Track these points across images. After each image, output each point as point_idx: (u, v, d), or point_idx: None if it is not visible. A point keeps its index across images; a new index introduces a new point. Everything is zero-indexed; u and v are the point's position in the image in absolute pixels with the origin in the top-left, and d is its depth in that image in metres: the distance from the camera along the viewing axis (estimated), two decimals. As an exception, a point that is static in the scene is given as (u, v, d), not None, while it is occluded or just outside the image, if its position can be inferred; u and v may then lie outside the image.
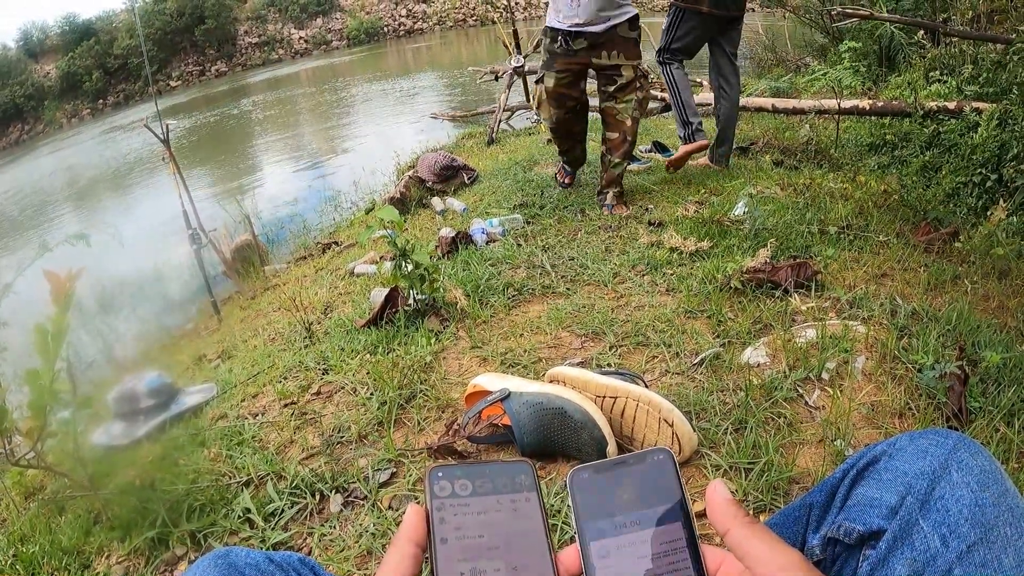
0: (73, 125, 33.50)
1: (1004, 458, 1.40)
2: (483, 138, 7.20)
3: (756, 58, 10.26)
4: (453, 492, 0.52)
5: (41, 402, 1.46)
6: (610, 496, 0.53)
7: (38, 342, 1.44)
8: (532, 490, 0.53)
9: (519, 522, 0.52)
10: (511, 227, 3.32)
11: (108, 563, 1.55)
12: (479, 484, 0.53)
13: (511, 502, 0.52)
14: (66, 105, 36.60)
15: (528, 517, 0.52)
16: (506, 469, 0.54)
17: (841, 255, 2.43)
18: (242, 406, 2.12)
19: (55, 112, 35.67)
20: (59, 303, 1.48)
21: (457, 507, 0.51)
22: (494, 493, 0.52)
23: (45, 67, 38.52)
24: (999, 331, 1.89)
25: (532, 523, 0.52)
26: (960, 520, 0.61)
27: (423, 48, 33.27)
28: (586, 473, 0.54)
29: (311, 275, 3.86)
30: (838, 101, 4.72)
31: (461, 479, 0.52)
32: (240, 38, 42.47)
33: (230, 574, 0.71)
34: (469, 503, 0.52)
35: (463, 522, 0.51)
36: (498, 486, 0.53)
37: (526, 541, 0.51)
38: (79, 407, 1.57)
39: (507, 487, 0.53)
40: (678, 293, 2.29)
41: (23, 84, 35.70)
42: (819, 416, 1.59)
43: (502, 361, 2.02)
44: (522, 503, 0.52)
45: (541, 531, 0.51)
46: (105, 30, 39.27)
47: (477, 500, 0.52)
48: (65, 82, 37.01)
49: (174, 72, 39.95)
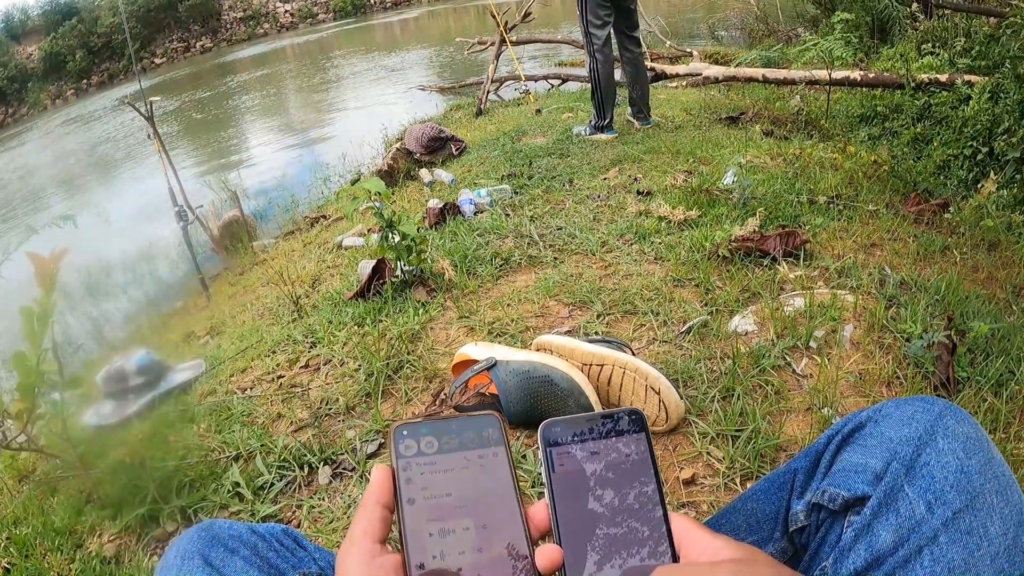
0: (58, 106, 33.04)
1: (992, 428, 1.40)
2: (471, 109, 7.17)
3: (747, 29, 10.21)
4: (419, 450, 0.51)
5: (29, 384, 1.46)
6: (581, 455, 0.52)
7: (24, 324, 1.43)
8: (500, 444, 0.53)
9: (487, 478, 0.51)
10: (499, 198, 3.30)
11: (100, 542, 1.55)
12: (445, 441, 0.52)
13: (479, 458, 0.52)
14: (50, 87, 36.11)
15: (496, 473, 0.52)
16: (472, 424, 0.53)
17: (830, 225, 2.42)
18: (231, 382, 2.12)
19: (39, 94, 35.16)
20: (44, 284, 1.47)
21: (423, 465, 0.51)
22: (460, 449, 0.52)
23: (28, 49, 37.96)
24: (987, 302, 1.89)
25: (501, 479, 0.51)
26: (946, 487, 0.61)
27: (410, 20, 32.95)
28: (558, 427, 0.53)
29: (299, 249, 3.84)
30: (829, 72, 4.69)
31: (427, 436, 0.52)
32: (224, 13, 41.93)
33: (213, 546, 0.71)
34: (435, 461, 0.51)
35: (430, 481, 0.50)
36: (464, 442, 0.52)
37: (495, 498, 0.50)
38: (68, 388, 1.57)
39: (474, 442, 0.52)
40: (666, 262, 2.29)
41: (6, 66, 35.09)
42: (806, 384, 1.59)
43: (489, 331, 2.01)
44: (490, 458, 0.52)
45: (510, 487, 0.51)
46: (88, 9, 38.65)
47: (443, 457, 0.51)
48: (48, 63, 36.43)
49: (158, 49, 39.42)
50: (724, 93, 6.20)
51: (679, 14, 15.63)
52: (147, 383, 2.16)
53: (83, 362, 2.30)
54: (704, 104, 5.39)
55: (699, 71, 6.47)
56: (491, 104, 7.41)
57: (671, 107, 5.29)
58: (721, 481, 1.34)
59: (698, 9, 15.30)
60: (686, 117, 4.99)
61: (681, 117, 4.99)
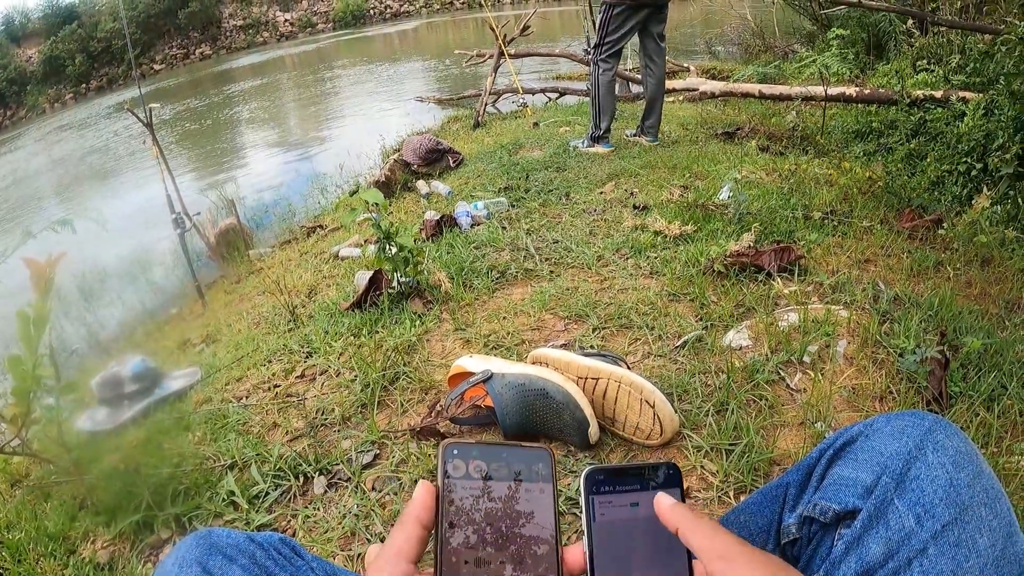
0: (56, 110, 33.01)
1: (983, 442, 1.41)
2: (469, 121, 7.19)
3: (744, 44, 10.27)
4: (467, 473, 0.50)
5: (24, 388, 1.45)
6: (622, 508, 0.53)
7: (20, 329, 1.43)
8: (548, 481, 0.52)
9: (531, 514, 0.50)
10: (496, 210, 3.31)
11: (93, 548, 1.55)
12: (494, 467, 0.51)
13: (525, 491, 0.51)
14: (49, 90, 36.07)
15: (540, 509, 0.51)
16: (524, 455, 0.52)
17: (825, 240, 2.44)
18: (226, 390, 2.12)
19: (38, 97, 35.13)
20: (40, 289, 1.47)
21: (469, 490, 0.50)
22: (509, 480, 0.51)
23: (27, 51, 37.93)
24: (980, 317, 1.90)
25: (544, 517, 0.51)
26: (935, 500, 0.62)
27: (409, 32, 33.04)
28: (602, 476, 0.53)
29: (296, 259, 3.84)
30: (825, 88, 4.73)
31: (477, 460, 0.51)
32: (225, 20, 42.00)
33: (211, 554, 0.71)
34: (482, 487, 0.50)
35: (474, 507, 0.49)
36: (514, 472, 0.51)
37: (535, 535, 0.50)
38: (63, 393, 1.56)
39: (523, 474, 0.51)
40: (662, 276, 2.30)
41: (5, 68, 35.05)
42: (800, 399, 1.60)
43: (485, 343, 2.02)
44: (536, 493, 0.51)
45: (551, 526, 0.51)
46: (88, 13, 38.67)
47: (490, 485, 0.51)
48: (48, 66, 36.38)
49: (158, 55, 39.45)
50: (720, 108, 6.25)
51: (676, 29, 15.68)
52: (142, 390, 2.15)
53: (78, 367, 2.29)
54: (700, 119, 5.43)
55: (696, 86, 6.52)
56: (489, 116, 7.43)
57: (668, 122, 5.31)
58: (715, 494, 1.35)
59: (695, 24, 15.38)
60: (683, 132, 5.02)
61: (678, 132, 5.02)
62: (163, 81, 30.45)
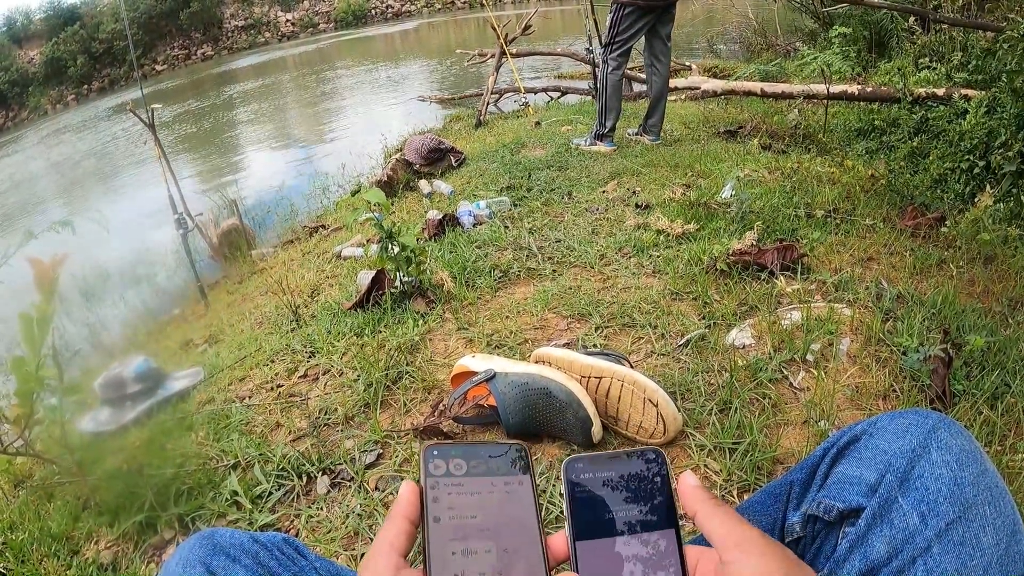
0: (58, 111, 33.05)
1: (987, 440, 1.41)
2: (471, 121, 7.18)
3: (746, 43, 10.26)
4: (447, 471, 0.52)
5: (28, 389, 1.45)
6: (602, 491, 0.54)
7: (23, 329, 1.43)
8: (526, 473, 0.54)
9: (512, 505, 0.52)
10: (498, 209, 3.31)
11: (97, 548, 1.54)
12: (473, 464, 0.53)
13: (504, 484, 0.53)
14: (51, 91, 36.12)
15: (520, 500, 0.53)
16: (501, 451, 0.55)
17: (827, 238, 2.43)
18: (229, 390, 2.12)
19: (40, 98, 35.18)
20: (43, 290, 1.47)
21: (451, 486, 0.52)
22: (488, 475, 0.53)
23: (29, 53, 37.99)
24: (984, 315, 1.90)
25: (524, 507, 0.53)
26: (939, 498, 0.62)
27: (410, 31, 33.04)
28: (581, 463, 0.55)
29: (298, 259, 3.84)
30: (827, 86, 4.72)
31: (456, 458, 0.53)
32: (226, 21, 42.04)
33: (215, 554, 0.71)
34: (463, 483, 0.52)
35: (456, 502, 0.51)
36: (492, 468, 0.54)
37: (518, 524, 0.52)
38: (66, 394, 1.56)
39: (501, 469, 0.54)
40: (664, 275, 2.30)
41: (7, 70, 35.12)
42: (803, 397, 1.60)
43: (488, 342, 2.02)
44: (515, 486, 0.53)
45: (533, 515, 0.52)
46: (90, 14, 38.73)
47: (471, 480, 0.53)
48: (50, 67, 36.45)
49: (159, 56, 39.52)
50: (723, 107, 6.23)
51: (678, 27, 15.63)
52: (145, 390, 2.15)
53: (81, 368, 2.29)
54: (703, 118, 5.42)
55: (698, 85, 6.51)
56: (490, 116, 7.43)
57: (670, 120, 5.31)
58: (718, 493, 1.35)
59: (697, 23, 15.35)
60: (685, 131, 5.02)
61: (680, 131, 5.02)
62: (165, 82, 30.48)
